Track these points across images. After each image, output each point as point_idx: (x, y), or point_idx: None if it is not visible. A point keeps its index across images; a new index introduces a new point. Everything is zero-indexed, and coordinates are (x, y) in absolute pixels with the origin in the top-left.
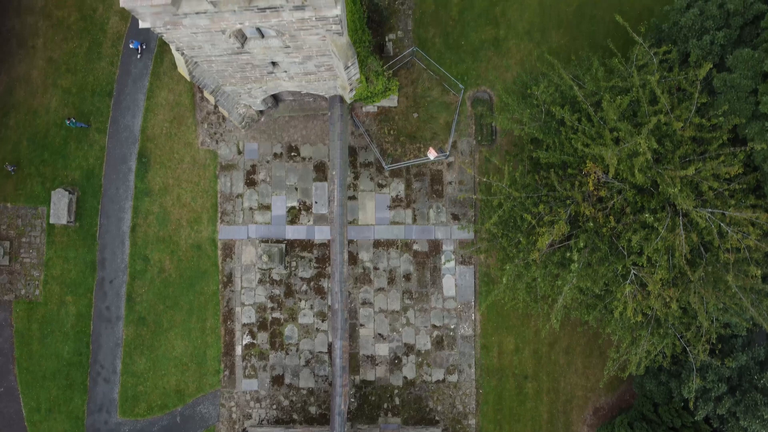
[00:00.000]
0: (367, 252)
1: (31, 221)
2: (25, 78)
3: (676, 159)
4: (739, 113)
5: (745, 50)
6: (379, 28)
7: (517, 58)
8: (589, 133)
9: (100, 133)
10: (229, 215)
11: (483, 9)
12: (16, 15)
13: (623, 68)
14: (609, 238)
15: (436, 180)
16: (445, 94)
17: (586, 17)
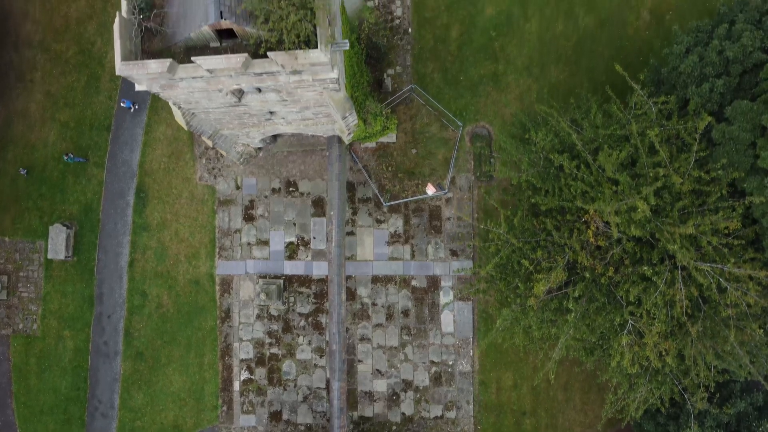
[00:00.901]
0: (365, 288)
1: (29, 255)
2: (24, 112)
3: (674, 213)
4: (738, 166)
5: (744, 102)
6: (378, 64)
7: (516, 94)
8: (588, 181)
9: (98, 168)
10: (227, 250)
11: (482, 44)
12: (15, 49)
13: (622, 115)
14: (607, 287)
15: (435, 216)
16: (443, 130)
17: (586, 52)
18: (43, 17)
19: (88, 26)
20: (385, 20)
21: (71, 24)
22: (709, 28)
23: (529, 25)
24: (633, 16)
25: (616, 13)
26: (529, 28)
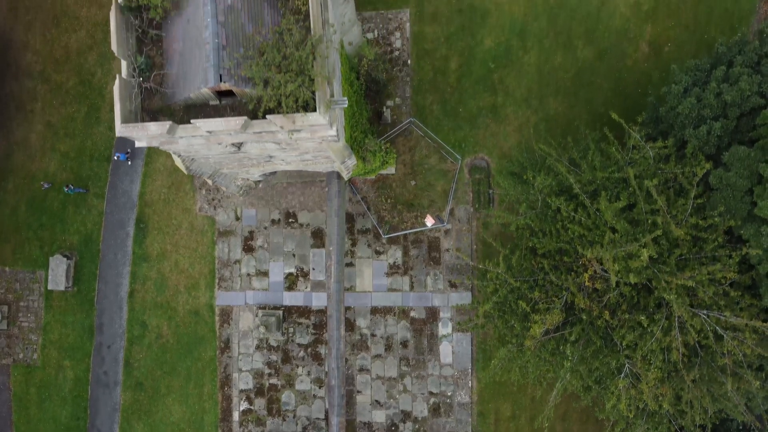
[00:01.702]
0: (364, 319)
1: (30, 285)
2: (24, 142)
3: (672, 261)
4: (735, 212)
5: (741, 148)
6: (378, 96)
7: (515, 125)
8: (586, 224)
9: (98, 198)
10: (227, 281)
11: (481, 76)
12: (15, 79)
13: (619, 156)
14: (604, 329)
15: (434, 247)
16: (442, 162)
17: (584, 84)
18: (43, 48)
19: (89, 57)
20: (384, 52)
21: (71, 55)
22: (708, 66)
23: (528, 57)
24: (632, 48)
25: (614, 45)
26: (528, 60)
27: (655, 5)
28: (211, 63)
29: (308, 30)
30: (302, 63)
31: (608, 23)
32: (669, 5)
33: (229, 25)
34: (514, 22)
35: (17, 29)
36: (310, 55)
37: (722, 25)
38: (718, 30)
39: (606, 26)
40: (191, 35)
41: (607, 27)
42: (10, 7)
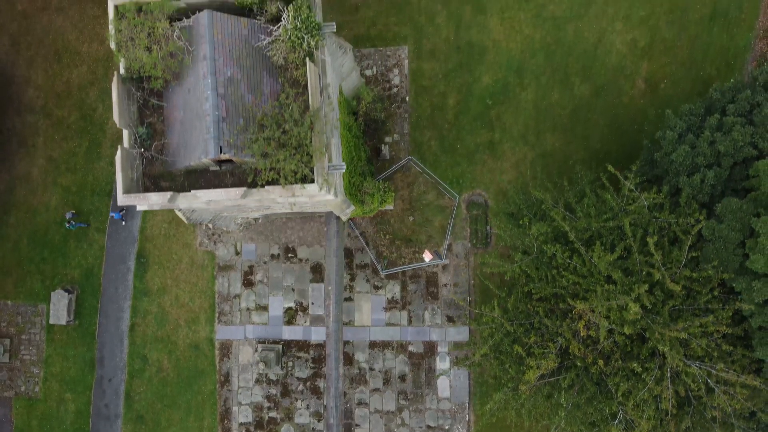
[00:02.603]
0: (362, 353)
1: (31, 319)
2: (26, 176)
3: (665, 312)
4: (727, 264)
5: (734, 200)
6: (376, 133)
7: (512, 161)
8: (581, 271)
9: (99, 233)
10: (227, 315)
11: (478, 113)
12: (17, 114)
13: (615, 203)
14: (598, 376)
15: (432, 282)
16: (440, 198)
17: (581, 121)
18: (45, 83)
19: (90, 92)
20: (383, 89)
21: (73, 90)
22: (702, 111)
23: (525, 94)
24: (628, 84)
25: (611, 81)
26: (525, 97)
27: (651, 42)
28: (211, 135)
29: (306, 104)
30: (301, 139)
31: (605, 60)
32: (665, 42)
33: (228, 97)
34: (511, 60)
35: (19, 64)
36: (308, 131)
37: (718, 62)
38: (714, 67)
39: (602, 63)
40: (192, 105)
41: (604, 64)
42: (12, 42)
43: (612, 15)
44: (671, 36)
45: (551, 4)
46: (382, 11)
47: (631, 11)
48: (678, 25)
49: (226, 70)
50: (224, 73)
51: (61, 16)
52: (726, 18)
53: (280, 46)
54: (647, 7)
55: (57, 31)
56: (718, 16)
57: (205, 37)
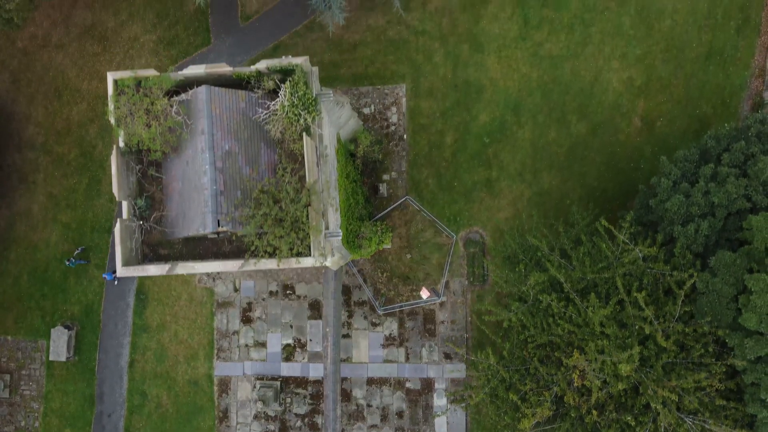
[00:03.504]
0: (360, 389)
1: (31, 354)
2: (26, 213)
3: (658, 367)
4: (721, 318)
5: (727, 254)
6: (374, 171)
7: (509, 199)
8: (576, 321)
9: (99, 269)
10: (226, 352)
11: (476, 151)
12: (17, 150)
13: (610, 253)
14: (593, 426)
15: (429, 319)
16: (438, 236)
17: (578, 158)
18: (45, 120)
19: (90, 129)
20: (380, 127)
21: (73, 127)
22: (696, 157)
23: (522, 132)
24: (625, 122)
25: (608, 119)
26: (522, 135)
27: (647, 81)
28: (209, 209)
29: (303, 179)
30: (297, 217)
31: (601, 98)
32: (661, 81)
33: (226, 170)
34: (508, 98)
35: (20, 101)
36: (304, 210)
37: (714, 100)
38: (710, 105)
39: (599, 101)
40: (190, 177)
41: (600, 102)
42: (12, 79)
43: (608, 54)
44: (667, 74)
45: (548, 43)
46: (380, 50)
47: (628, 50)
48: (674, 63)
49: (224, 144)
50: (222, 147)
51: (61, 54)
52: (722, 56)
53: (277, 122)
54: (643, 45)
55: (57, 69)
56: (714, 55)
57: (203, 112)
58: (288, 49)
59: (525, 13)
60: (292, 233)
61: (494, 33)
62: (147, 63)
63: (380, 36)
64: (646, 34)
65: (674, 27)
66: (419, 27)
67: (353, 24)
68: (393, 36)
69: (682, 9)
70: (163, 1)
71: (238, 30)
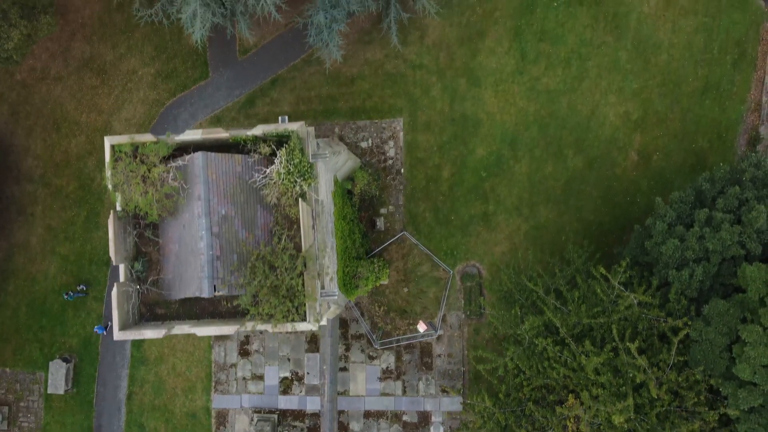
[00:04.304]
0: (357, 422)
1: (30, 386)
2: (24, 245)
3: (653, 416)
4: (714, 366)
5: (721, 302)
6: (371, 206)
7: (506, 233)
8: (571, 365)
9: (97, 302)
10: (223, 384)
11: (473, 185)
12: (16, 183)
13: (605, 298)
14: None
15: (426, 352)
16: (435, 269)
17: (574, 192)
18: (44, 153)
19: (88, 162)
20: (378, 161)
21: (71, 160)
22: (692, 198)
23: (519, 166)
24: (621, 156)
25: (604, 153)
26: (519, 169)
27: (643, 115)
28: (205, 274)
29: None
30: (292, 287)
31: (598, 132)
32: (657, 115)
33: (222, 235)
34: (505, 132)
35: (18, 134)
36: (299, 279)
37: (710, 134)
38: (706, 139)
39: (596, 135)
40: (186, 241)
41: (597, 136)
42: (11, 111)
43: (605, 88)
44: (664, 108)
45: (545, 77)
46: (378, 83)
47: (624, 84)
48: (670, 97)
49: (220, 209)
50: (218, 211)
51: (60, 86)
52: (718, 91)
53: (273, 188)
54: (640, 80)
55: (56, 101)
56: (710, 89)
57: (199, 178)
58: (286, 82)
59: (522, 47)
60: (287, 302)
61: (491, 67)
62: (145, 96)
63: (378, 70)
64: (642, 68)
65: (671, 61)
66: (417, 61)
67: (351, 58)
68: (390, 70)
69: (678, 43)
70: (161, 34)
71: (236, 63)
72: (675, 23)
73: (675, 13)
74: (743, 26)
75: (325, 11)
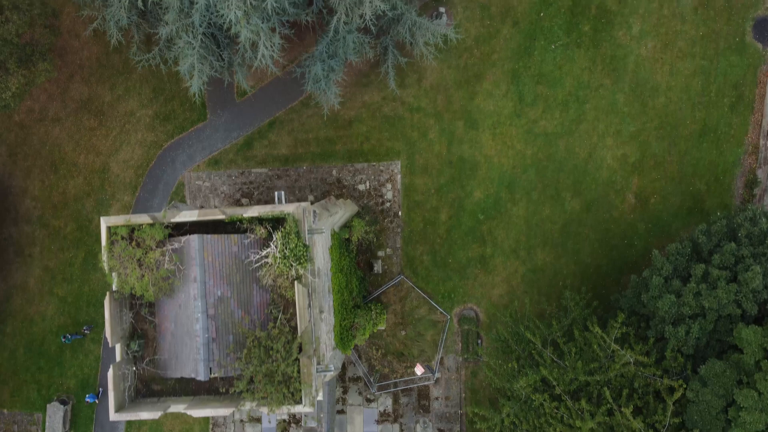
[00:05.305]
0: None
1: (27, 427)
2: (22, 286)
3: None
4: (710, 429)
5: (718, 364)
6: (368, 249)
7: (504, 276)
8: (567, 422)
9: (95, 344)
10: (221, 427)
11: (470, 228)
12: (14, 224)
13: (601, 354)
14: None
15: (423, 395)
16: (432, 312)
17: (571, 235)
18: (42, 194)
19: (86, 203)
20: (375, 203)
21: (69, 201)
22: (689, 250)
23: (516, 209)
24: (618, 199)
25: (602, 196)
26: (516, 212)
27: (641, 157)
28: (201, 357)
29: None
30: (287, 374)
31: (595, 175)
32: (655, 157)
33: (218, 317)
34: (503, 175)
35: (16, 175)
36: (295, 366)
37: (708, 177)
38: (704, 182)
39: (593, 178)
40: (182, 321)
41: (594, 179)
42: (9, 153)
43: (602, 131)
44: (661, 151)
45: (542, 120)
46: (375, 126)
47: (622, 127)
48: (668, 140)
49: (216, 290)
50: (214, 293)
51: (58, 128)
52: (716, 134)
53: (269, 270)
54: (638, 122)
55: (53, 143)
56: (708, 132)
57: (195, 260)
58: (283, 125)
59: (520, 90)
60: (283, 388)
61: (489, 110)
62: (143, 138)
63: (375, 112)
64: (640, 111)
65: (668, 104)
66: (414, 104)
67: (349, 100)
68: (388, 112)
69: (676, 86)
70: (159, 76)
71: (234, 106)
72: (673, 66)
73: (673, 56)
74: (741, 69)
75: (323, 62)
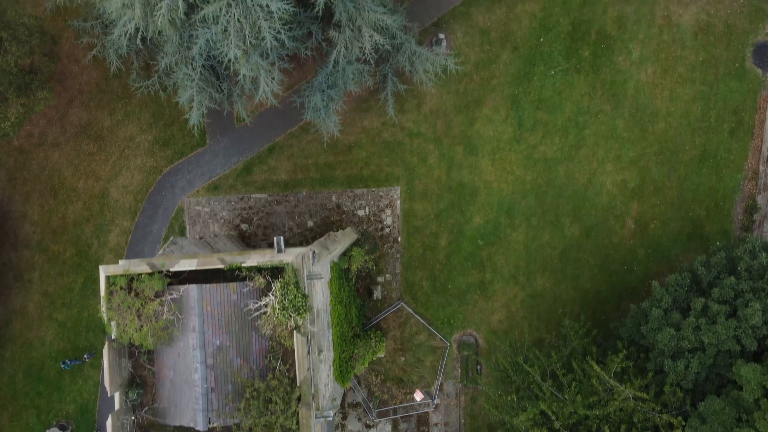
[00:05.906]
0: None
1: None
2: (21, 311)
3: None
4: None
5: (717, 401)
6: (368, 275)
7: (503, 301)
8: None
9: (94, 369)
10: None
11: (469, 253)
12: (13, 249)
13: (600, 389)
14: None
15: (423, 422)
16: (432, 338)
17: (571, 261)
18: (41, 219)
19: (85, 228)
20: (375, 229)
21: (68, 226)
22: (688, 281)
23: (515, 234)
24: (618, 225)
25: (601, 222)
26: (516, 237)
27: (641, 183)
28: (200, 407)
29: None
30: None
31: (595, 201)
32: (655, 183)
33: (217, 366)
34: (502, 200)
35: (15, 200)
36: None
37: (707, 203)
38: (703, 207)
39: (593, 204)
40: (181, 369)
41: (594, 205)
42: (8, 178)
43: (602, 156)
44: (661, 177)
45: (542, 146)
46: (375, 152)
47: (621, 152)
48: (668, 166)
49: (215, 340)
50: (213, 343)
51: (57, 152)
52: (715, 159)
53: (268, 320)
54: (637, 148)
55: (53, 168)
56: (707, 158)
57: (194, 310)
58: (283, 150)
59: (519, 115)
60: None
61: (488, 135)
62: (143, 163)
63: (375, 138)
64: (640, 136)
65: (668, 130)
66: (414, 129)
67: (348, 126)
68: (388, 138)
69: (675, 112)
70: (158, 101)
71: (234, 131)
72: (672, 91)
73: (672, 82)
74: (740, 95)
75: (322, 92)
